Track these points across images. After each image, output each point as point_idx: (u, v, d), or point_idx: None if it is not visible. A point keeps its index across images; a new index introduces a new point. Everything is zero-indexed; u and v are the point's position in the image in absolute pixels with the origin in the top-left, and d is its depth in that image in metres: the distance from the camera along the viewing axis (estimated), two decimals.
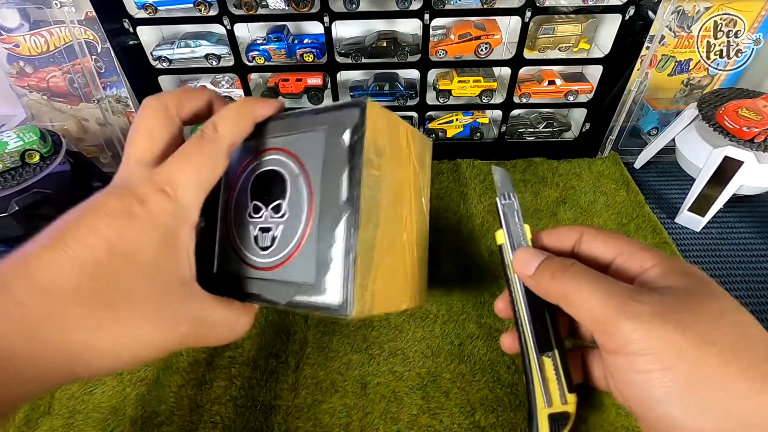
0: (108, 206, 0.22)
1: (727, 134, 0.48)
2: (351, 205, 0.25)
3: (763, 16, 0.54)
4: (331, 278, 0.25)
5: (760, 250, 0.49)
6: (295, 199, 0.27)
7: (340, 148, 0.26)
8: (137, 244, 0.22)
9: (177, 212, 0.24)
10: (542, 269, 0.25)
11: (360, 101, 0.26)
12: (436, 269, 0.45)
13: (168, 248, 0.24)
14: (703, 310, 0.20)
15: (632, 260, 0.23)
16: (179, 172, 0.24)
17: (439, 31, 0.56)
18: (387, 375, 0.37)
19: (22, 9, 0.51)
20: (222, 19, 0.49)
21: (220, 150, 0.25)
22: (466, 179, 0.56)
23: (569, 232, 0.26)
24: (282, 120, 0.28)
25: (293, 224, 0.27)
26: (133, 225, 0.22)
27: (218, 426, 0.35)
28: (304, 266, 0.26)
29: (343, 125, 0.26)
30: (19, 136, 0.46)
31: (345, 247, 0.25)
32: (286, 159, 0.28)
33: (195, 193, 0.24)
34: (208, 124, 0.25)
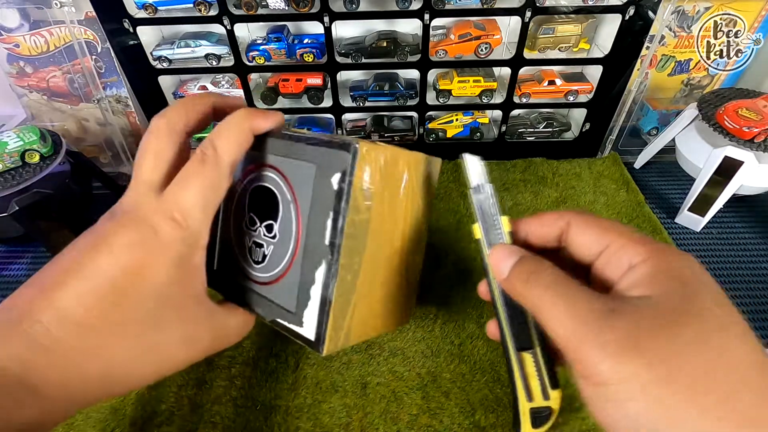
0: (123, 237, 0.23)
1: (727, 134, 0.48)
2: (332, 252, 0.25)
3: (763, 16, 0.54)
4: (308, 314, 0.26)
5: (760, 250, 0.49)
6: (285, 223, 0.27)
7: (328, 190, 0.25)
8: (155, 272, 0.23)
9: (188, 239, 0.24)
10: (515, 273, 0.23)
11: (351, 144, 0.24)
12: (436, 269, 0.45)
13: (183, 273, 0.24)
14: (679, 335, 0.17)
15: (621, 254, 0.21)
16: (185, 198, 0.24)
17: (439, 31, 0.56)
18: (387, 375, 0.37)
19: (22, 9, 0.51)
20: (222, 19, 0.49)
21: (222, 171, 0.25)
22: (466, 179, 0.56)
23: (555, 219, 0.24)
24: (281, 140, 0.28)
25: (282, 248, 0.27)
26: (149, 255, 0.23)
27: (218, 426, 0.35)
28: (289, 293, 0.27)
29: (333, 166, 0.25)
30: (19, 136, 0.46)
31: (322, 292, 0.25)
32: (281, 181, 0.28)
33: (203, 216, 0.25)
34: (207, 144, 0.25)
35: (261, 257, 0.29)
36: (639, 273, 0.20)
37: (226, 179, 0.25)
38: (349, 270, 0.26)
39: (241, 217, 0.30)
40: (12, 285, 0.47)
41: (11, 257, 0.50)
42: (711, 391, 0.17)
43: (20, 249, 0.51)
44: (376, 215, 0.26)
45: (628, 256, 0.21)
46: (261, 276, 0.29)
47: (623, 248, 0.21)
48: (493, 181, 0.27)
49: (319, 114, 0.61)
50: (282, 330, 0.27)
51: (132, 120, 0.60)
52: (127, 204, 0.25)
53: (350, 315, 0.26)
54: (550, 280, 0.21)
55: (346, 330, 0.27)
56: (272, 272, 0.28)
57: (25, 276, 0.48)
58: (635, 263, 0.20)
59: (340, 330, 0.26)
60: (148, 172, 0.25)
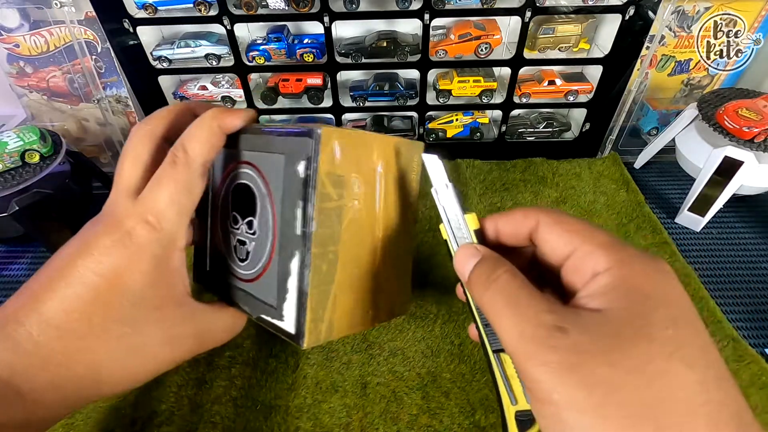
0: (101, 242, 0.24)
1: (727, 134, 0.48)
2: (304, 241, 0.24)
3: (763, 16, 0.54)
4: (287, 307, 0.26)
5: (760, 250, 0.49)
6: (263, 218, 0.27)
7: (295, 179, 0.25)
8: (132, 274, 0.24)
9: (163, 240, 0.25)
10: (474, 276, 0.22)
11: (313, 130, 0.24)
12: (437, 269, 0.45)
13: (160, 275, 0.25)
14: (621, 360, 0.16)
15: (587, 260, 0.20)
16: (157, 200, 0.25)
17: (439, 31, 0.56)
18: (387, 375, 0.37)
19: (22, 9, 0.51)
20: (222, 19, 0.49)
21: (193, 172, 0.25)
22: (466, 179, 0.56)
23: (524, 218, 0.23)
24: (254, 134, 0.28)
25: (262, 243, 0.27)
26: (126, 258, 0.24)
27: (218, 426, 0.35)
28: (270, 287, 0.27)
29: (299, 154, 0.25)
30: (19, 136, 0.46)
31: (298, 283, 0.25)
32: (256, 176, 0.28)
33: (177, 218, 0.25)
34: (178, 146, 0.25)
35: (245, 255, 0.29)
36: (600, 283, 0.19)
37: (199, 179, 0.26)
38: (323, 260, 0.25)
39: (226, 217, 0.30)
40: (12, 285, 0.47)
41: (11, 257, 0.50)
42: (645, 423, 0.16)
43: (20, 249, 0.51)
44: (349, 203, 0.26)
45: (593, 264, 0.20)
46: (246, 273, 0.29)
47: (589, 255, 0.20)
48: (493, 180, 0.26)
49: (319, 114, 0.61)
50: (267, 326, 0.27)
51: (132, 120, 0.60)
52: (107, 209, 0.26)
53: (331, 307, 0.26)
54: (504, 286, 0.20)
55: (328, 323, 0.26)
56: (255, 268, 0.28)
57: (25, 276, 0.48)
58: (598, 271, 0.19)
59: (320, 322, 0.26)
60: (127, 177, 0.26)
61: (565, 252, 0.21)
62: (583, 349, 0.17)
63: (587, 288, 0.19)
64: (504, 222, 0.24)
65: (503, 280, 0.20)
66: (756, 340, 0.40)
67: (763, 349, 0.39)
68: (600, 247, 0.20)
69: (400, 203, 0.30)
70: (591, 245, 0.20)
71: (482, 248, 0.23)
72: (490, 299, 0.20)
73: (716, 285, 0.45)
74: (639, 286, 0.18)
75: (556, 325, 0.18)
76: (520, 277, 0.20)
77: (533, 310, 0.19)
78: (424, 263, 0.46)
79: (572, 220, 0.22)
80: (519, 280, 0.20)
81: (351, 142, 0.26)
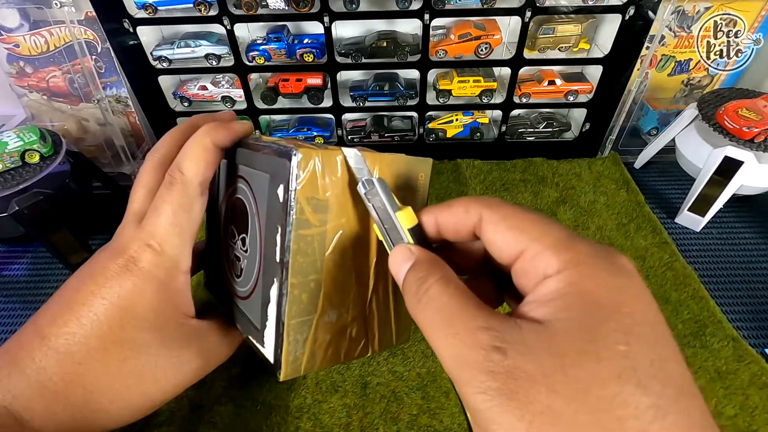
0: (106, 268, 0.25)
1: (727, 134, 0.48)
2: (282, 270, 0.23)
3: (763, 16, 0.54)
4: (268, 334, 0.25)
5: (760, 250, 0.49)
6: (253, 237, 0.26)
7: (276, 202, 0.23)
8: (137, 300, 0.24)
9: (167, 264, 0.25)
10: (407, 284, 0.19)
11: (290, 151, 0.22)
12: None
13: (164, 298, 0.25)
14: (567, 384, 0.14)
15: (537, 262, 0.17)
16: (157, 224, 0.25)
17: (439, 31, 0.56)
18: (387, 375, 0.37)
19: (22, 9, 0.51)
20: (222, 19, 0.49)
21: (191, 192, 0.25)
22: (466, 179, 0.56)
23: (465, 213, 0.20)
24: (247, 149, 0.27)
25: (252, 262, 0.26)
26: (131, 284, 0.24)
27: (218, 426, 0.35)
28: (256, 309, 0.26)
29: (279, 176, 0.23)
30: (19, 136, 0.46)
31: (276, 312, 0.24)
32: (248, 192, 0.27)
33: (179, 240, 0.25)
34: (173, 167, 0.25)
35: (239, 271, 0.28)
36: (548, 288, 0.17)
37: (198, 198, 0.26)
38: (303, 289, 0.23)
39: (226, 231, 0.30)
40: (12, 285, 0.47)
41: (11, 257, 0.50)
42: None
43: (20, 249, 0.51)
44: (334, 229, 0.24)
45: (543, 265, 0.17)
46: (240, 290, 0.28)
47: (539, 255, 0.17)
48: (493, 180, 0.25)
49: (319, 114, 0.61)
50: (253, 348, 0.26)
51: (132, 120, 0.60)
52: (116, 236, 0.26)
53: (312, 338, 0.24)
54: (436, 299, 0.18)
55: (309, 354, 0.25)
56: (247, 287, 0.27)
57: (25, 276, 0.48)
58: (549, 274, 0.17)
59: (299, 353, 0.24)
60: (135, 205, 0.26)
61: (512, 253, 0.18)
62: (523, 372, 0.15)
63: (535, 293, 0.17)
64: (445, 216, 0.21)
65: (434, 291, 0.18)
66: (756, 340, 0.40)
67: (763, 349, 0.39)
68: (550, 246, 0.17)
69: None
70: (540, 244, 0.17)
71: (416, 249, 0.20)
72: (422, 315, 0.18)
73: (716, 285, 0.45)
74: (590, 291, 0.16)
75: (493, 345, 0.15)
76: (453, 285, 0.18)
77: (468, 327, 0.16)
78: None
79: (519, 214, 0.19)
80: (452, 290, 0.18)
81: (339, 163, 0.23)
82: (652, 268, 0.45)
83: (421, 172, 0.28)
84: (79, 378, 0.23)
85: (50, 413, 0.23)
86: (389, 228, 0.21)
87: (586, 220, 0.51)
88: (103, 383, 0.24)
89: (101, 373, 0.24)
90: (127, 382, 0.24)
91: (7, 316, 0.44)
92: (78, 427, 0.24)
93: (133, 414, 0.25)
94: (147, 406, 0.26)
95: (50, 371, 0.23)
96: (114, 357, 0.24)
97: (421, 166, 0.27)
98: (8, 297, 0.46)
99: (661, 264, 0.46)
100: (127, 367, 0.24)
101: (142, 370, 0.25)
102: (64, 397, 0.23)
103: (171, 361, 0.25)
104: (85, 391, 0.23)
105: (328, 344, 0.26)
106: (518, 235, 0.18)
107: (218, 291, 0.31)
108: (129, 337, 0.24)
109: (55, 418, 0.23)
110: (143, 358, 0.24)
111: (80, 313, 0.24)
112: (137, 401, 0.25)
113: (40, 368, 0.23)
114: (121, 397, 0.24)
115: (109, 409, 0.24)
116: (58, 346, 0.23)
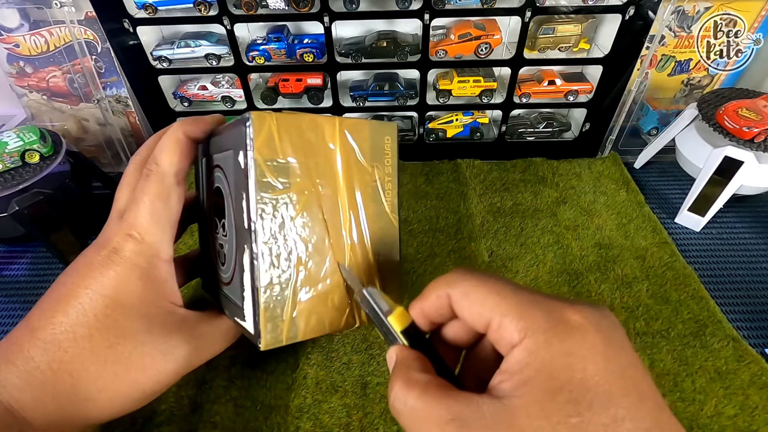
0: (92, 262, 0.26)
1: (727, 134, 0.48)
2: (251, 234, 0.23)
3: (763, 16, 0.54)
4: (247, 306, 0.25)
5: (760, 250, 0.49)
6: (228, 219, 0.27)
7: (239, 171, 0.24)
8: (121, 288, 0.25)
9: (147, 251, 0.26)
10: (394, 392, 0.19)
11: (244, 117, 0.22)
12: (437, 269, 0.45)
13: (149, 285, 0.26)
14: None
15: (503, 333, 0.18)
16: (137, 214, 0.26)
17: (439, 31, 0.56)
18: (387, 375, 0.37)
19: (22, 9, 0.51)
20: (222, 19, 0.49)
21: (166, 182, 0.26)
22: (466, 179, 0.56)
23: (437, 297, 0.21)
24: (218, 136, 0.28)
25: (231, 244, 0.27)
26: (114, 273, 0.25)
27: (218, 426, 0.35)
28: (236, 287, 0.26)
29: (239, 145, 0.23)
30: (19, 136, 0.46)
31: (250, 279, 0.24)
32: (223, 177, 0.27)
33: (157, 228, 0.26)
34: (150, 161, 0.27)
35: (223, 258, 0.28)
36: (514, 359, 0.17)
37: (174, 188, 0.26)
38: (274, 253, 0.24)
39: (212, 227, 0.30)
40: (12, 285, 0.47)
41: (11, 257, 0.50)
42: None
43: (20, 249, 0.51)
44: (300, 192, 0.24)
45: (508, 335, 0.18)
46: (225, 277, 0.28)
47: (502, 325, 0.18)
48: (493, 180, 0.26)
49: (319, 114, 0.61)
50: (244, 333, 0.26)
51: (132, 120, 0.60)
52: (101, 233, 0.27)
53: (290, 306, 0.24)
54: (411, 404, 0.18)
55: (289, 322, 0.24)
56: (229, 270, 0.27)
57: (25, 276, 0.48)
58: (514, 343, 0.17)
59: (278, 321, 0.24)
60: (121, 203, 0.28)
61: (483, 323, 0.19)
62: None
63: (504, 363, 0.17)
64: (427, 305, 0.21)
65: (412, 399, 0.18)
66: (756, 340, 0.40)
67: (763, 349, 0.39)
68: (507, 314, 0.18)
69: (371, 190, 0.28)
70: (499, 314, 0.18)
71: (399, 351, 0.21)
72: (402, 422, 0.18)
73: (716, 285, 0.45)
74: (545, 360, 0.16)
75: None
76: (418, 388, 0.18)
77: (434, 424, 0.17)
78: (423, 264, 0.46)
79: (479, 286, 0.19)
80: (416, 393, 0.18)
81: (294, 124, 0.24)
82: (652, 268, 0.45)
83: (387, 135, 0.28)
84: (66, 366, 0.23)
85: (38, 402, 0.23)
86: (384, 331, 0.22)
87: (586, 220, 0.51)
88: (90, 371, 0.24)
89: (88, 361, 0.24)
90: (115, 369, 0.24)
91: (7, 316, 0.44)
92: (66, 416, 0.24)
93: (123, 404, 0.26)
94: (137, 396, 0.26)
95: (38, 360, 0.23)
96: (100, 344, 0.24)
97: (386, 130, 0.28)
98: (8, 297, 0.46)
99: (661, 264, 0.46)
100: (113, 353, 0.24)
101: (129, 357, 0.25)
102: (51, 386, 0.23)
103: (158, 348, 0.26)
104: (73, 379, 0.24)
105: (309, 313, 0.25)
106: (480, 309, 0.19)
107: (213, 290, 0.32)
108: (114, 324, 0.24)
109: (43, 408, 0.23)
110: (130, 345, 0.25)
111: (66, 305, 0.24)
112: (127, 390, 0.25)
113: (28, 357, 0.23)
114: (110, 385, 0.24)
115: (98, 398, 0.24)
116: (45, 336, 0.24)
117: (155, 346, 0.25)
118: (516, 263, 0.46)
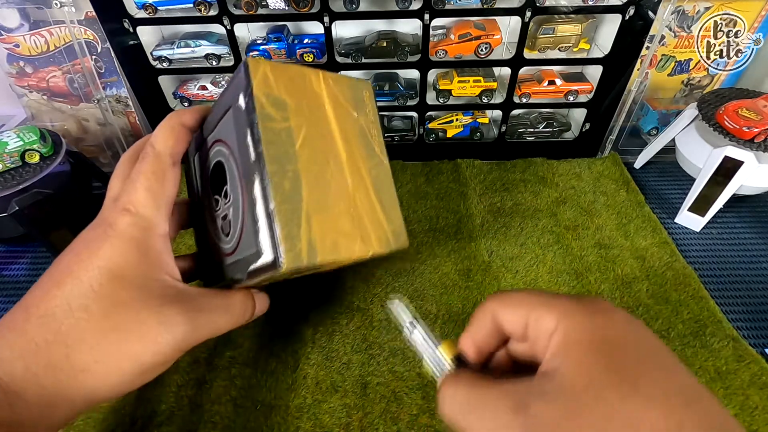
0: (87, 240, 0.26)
1: (727, 134, 0.48)
2: (259, 162, 0.25)
3: (763, 16, 0.54)
4: (263, 238, 0.26)
5: (760, 250, 0.49)
6: (232, 179, 0.28)
7: (241, 113, 0.26)
8: (116, 259, 0.25)
9: (141, 223, 0.26)
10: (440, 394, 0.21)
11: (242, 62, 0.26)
12: (437, 269, 0.45)
13: (144, 256, 0.26)
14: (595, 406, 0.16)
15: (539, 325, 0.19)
16: (132, 190, 0.27)
17: (439, 31, 0.56)
18: (387, 375, 0.37)
19: (22, 9, 0.51)
20: (222, 19, 0.49)
21: (161, 162, 0.28)
22: (466, 179, 0.56)
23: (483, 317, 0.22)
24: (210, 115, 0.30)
25: (237, 204, 0.28)
26: (109, 245, 0.25)
27: (218, 426, 0.35)
28: (249, 239, 0.27)
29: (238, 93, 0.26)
30: (19, 136, 0.46)
31: (264, 206, 0.25)
32: (220, 146, 0.29)
33: (153, 203, 0.27)
34: (146, 146, 0.28)
35: (229, 226, 0.29)
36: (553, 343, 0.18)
37: (170, 168, 0.28)
38: (283, 177, 0.25)
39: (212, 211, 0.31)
40: (12, 285, 0.47)
41: (11, 257, 0.50)
42: None
43: (20, 249, 0.51)
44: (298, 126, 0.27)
45: (545, 325, 0.19)
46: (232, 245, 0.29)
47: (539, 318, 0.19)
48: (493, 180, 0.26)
49: None
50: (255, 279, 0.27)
51: (132, 120, 0.60)
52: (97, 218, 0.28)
53: (305, 226, 0.26)
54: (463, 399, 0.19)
55: (306, 242, 0.26)
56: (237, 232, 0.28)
57: (25, 276, 0.48)
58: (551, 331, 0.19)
59: (296, 240, 0.25)
60: (114, 192, 0.29)
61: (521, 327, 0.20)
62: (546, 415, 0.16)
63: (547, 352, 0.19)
64: (476, 331, 0.22)
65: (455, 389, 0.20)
66: (756, 340, 0.40)
67: (763, 349, 0.39)
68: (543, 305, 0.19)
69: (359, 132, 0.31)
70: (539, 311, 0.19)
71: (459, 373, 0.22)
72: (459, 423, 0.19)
73: (716, 285, 0.45)
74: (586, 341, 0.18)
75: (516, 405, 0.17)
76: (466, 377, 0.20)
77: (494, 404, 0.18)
78: (423, 264, 0.46)
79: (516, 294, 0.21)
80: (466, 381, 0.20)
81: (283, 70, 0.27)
82: (652, 268, 0.45)
83: (364, 89, 0.32)
84: (62, 337, 0.23)
85: (30, 373, 0.23)
86: (434, 362, 0.23)
87: (586, 220, 0.51)
88: (86, 340, 0.24)
89: (84, 330, 0.24)
90: (111, 337, 0.24)
91: None
92: (61, 390, 0.23)
93: (121, 379, 0.25)
94: (135, 369, 0.25)
95: (32, 333, 0.23)
96: (96, 314, 0.24)
97: (363, 85, 0.32)
98: (8, 297, 0.46)
99: (661, 264, 0.46)
100: (109, 322, 0.24)
101: (125, 325, 0.24)
102: (45, 356, 0.23)
103: (155, 317, 0.25)
104: (68, 349, 0.23)
105: (323, 234, 0.27)
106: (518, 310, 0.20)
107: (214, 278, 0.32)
108: (110, 294, 0.25)
109: (36, 379, 0.23)
110: (125, 313, 0.25)
111: (61, 281, 0.25)
112: (123, 363, 0.25)
113: (22, 331, 0.23)
114: (106, 356, 0.24)
115: (94, 370, 0.24)
116: (39, 312, 0.24)
117: (152, 315, 0.25)
118: (516, 263, 0.46)
